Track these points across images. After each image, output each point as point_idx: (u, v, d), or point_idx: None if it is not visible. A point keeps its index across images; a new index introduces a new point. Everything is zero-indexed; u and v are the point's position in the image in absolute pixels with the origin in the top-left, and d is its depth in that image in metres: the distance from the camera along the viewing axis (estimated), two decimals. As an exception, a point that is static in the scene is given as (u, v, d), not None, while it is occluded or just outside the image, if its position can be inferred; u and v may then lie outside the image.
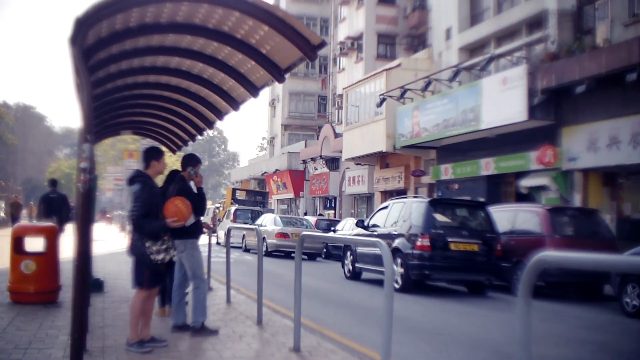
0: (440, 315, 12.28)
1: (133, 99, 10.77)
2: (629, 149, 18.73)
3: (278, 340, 8.18)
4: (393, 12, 40.49)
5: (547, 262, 3.28)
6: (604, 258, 3.07)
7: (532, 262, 3.28)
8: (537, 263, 3.27)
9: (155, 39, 7.96)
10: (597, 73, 18.91)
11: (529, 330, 3.42)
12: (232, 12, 6.99)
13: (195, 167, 8.43)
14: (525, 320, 3.40)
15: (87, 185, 5.98)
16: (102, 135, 13.07)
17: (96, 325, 8.46)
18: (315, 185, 45.62)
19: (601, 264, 3.17)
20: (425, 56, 32.68)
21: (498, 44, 27.16)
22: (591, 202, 20.62)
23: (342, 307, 12.76)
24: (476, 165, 25.93)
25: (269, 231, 25.98)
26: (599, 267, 3.13)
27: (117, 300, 10.72)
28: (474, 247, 15.22)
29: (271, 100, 60.63)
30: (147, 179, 7.23)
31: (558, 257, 3.45)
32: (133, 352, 7.02)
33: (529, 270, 3.31)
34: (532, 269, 3.30)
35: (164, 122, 12.32)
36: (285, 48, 7.40)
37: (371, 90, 33.30)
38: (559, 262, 3.33)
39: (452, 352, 8.70)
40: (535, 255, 3.29)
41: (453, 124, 25.46)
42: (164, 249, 7.13)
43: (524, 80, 21.35)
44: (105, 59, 7.66)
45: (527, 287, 3.37)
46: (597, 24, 21.34)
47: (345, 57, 43.62)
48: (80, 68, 5.89)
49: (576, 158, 20.85)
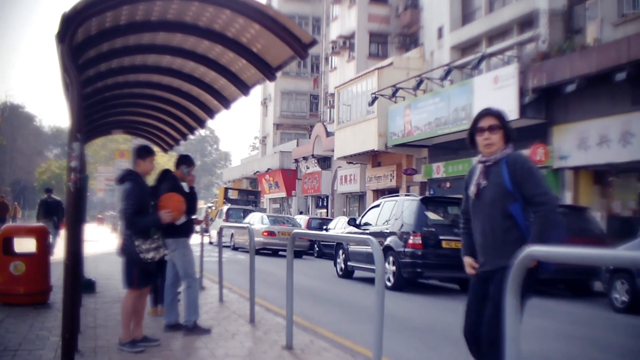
0: (433, 312, 12.30)
1: (124, 97, 10.74)
2: (619, 147, 18.80)
3: (270, 338, 8.19)
4: (385, 11, 40.52)
5: (535, 257, 3.30)
6: (590, 252, 3.09)
7: (521, 258, 3.30)
8: (525, 258, 3.29)
9: (145, 37, 7.95)
10: (588, 72, 18.99)
11: (518, 326, 3.44)
12: (223, 10, 6.99)
13: (189, 168, 8.45)
14: (514, 315, 3.42)
15: (77, 184, 5.96)
16: (93, 134, 13.04)
17: (88, 325, 8.45)
18: (307, 184, 45.62)
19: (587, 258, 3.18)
20: (417, 55, 32.71)
21: (489, 43, 27.23)
22: (582, 200, 20.69)
23: (334, 305, 12.77)
24: (468, 164, 25.92)
25: (256, 229, 26.12)
26: (586, 262, 3.15)
27: (109, 301, 10.69)
28: (465, 245, 15.23)
29: (263, 100, 60.61)
30: (137, 177, 7.22)
31: (545, 252, 3.47)
32: (125, 352, 7.01)
33: (517, 266, 3.32)
34: (521, 265, 3.32)
35: (155, 122, 12.30)
36: (276, 47, 7.40)
37: (363, 89, 33.32)
38: (547, 257, 3.34)
39: (444, 349, 8.72)
40: (524, 251, 3.31)
41: (445, 123, 25.51)
42: (154, 248, 7.11)
43: (515, 79, 21.42)
44: (96, 57, 7.64)
45: (515, 282, 3.39)
46: (587, 23, 21.43)
47: (337, 56, 43.62)
48: (69, 66, 5.87)
49: (567, 156, 20.92)
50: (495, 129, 4.95)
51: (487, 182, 4.93)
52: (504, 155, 4.94)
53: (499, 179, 4.86)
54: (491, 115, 5.01)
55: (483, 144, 4.98)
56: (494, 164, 4.94)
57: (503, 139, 5.01)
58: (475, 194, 5.00)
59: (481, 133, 4.98)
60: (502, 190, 4.83)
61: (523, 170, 4.81)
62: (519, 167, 4.83)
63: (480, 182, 4.97)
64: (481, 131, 4.98)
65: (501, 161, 4.91)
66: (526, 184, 4.77)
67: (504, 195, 4.82)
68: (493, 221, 4.88)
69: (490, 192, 4.90)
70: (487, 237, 4.93)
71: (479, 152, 5.07)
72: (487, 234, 4.92)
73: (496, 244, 4.86)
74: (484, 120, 5.00)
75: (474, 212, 5.09)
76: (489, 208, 4.90)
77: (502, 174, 4.84)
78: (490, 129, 4.95)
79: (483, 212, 4.96)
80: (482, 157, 5.03)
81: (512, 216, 4.82)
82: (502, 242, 4.82)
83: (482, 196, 4.96)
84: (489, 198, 4.91)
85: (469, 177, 5.20)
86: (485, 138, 4.96)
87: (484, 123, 4.99)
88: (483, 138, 4.97)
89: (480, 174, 5.00)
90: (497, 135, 4.96)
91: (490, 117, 4.99)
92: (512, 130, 5.06)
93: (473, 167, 5.20)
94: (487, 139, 4.95)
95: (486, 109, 5.08)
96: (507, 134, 5.03)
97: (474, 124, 5.05)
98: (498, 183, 4.86)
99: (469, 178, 5.19)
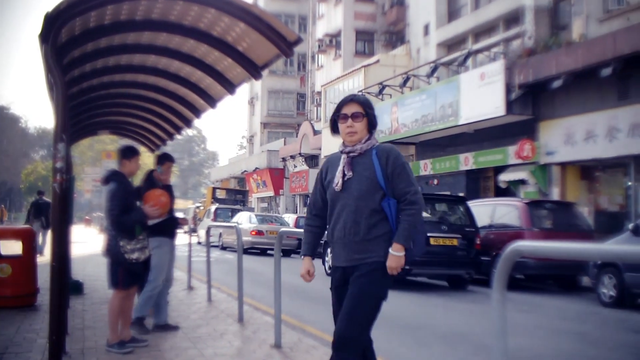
0: (422, 309, 12.32)
1: (110, 98, 10.69)
2: (605, 142, 18.90)
3: (259, 337, 8.18)
4: (371, 8, 40.54)
5: (521, 252, 3.30)
6: (577, 247, 3.09)
7: (507, 253, 3.30)
8: (511, 253, 3.29)
9: (130, 36, 7.92)
10: (573, 68, 19.10)
11: (504, 321, 3.43)
12: (208, 9, 6.96)
13: (163, 165, 8.42)
14: (500, 310, 3.41)
15: (63, 185, 5.93)
16: (79, 135, 12.98)
17: (76, 327, 8.40)
18: (295, 182, 45.60)
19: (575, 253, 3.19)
20: (404, 52, 32.77)
21: (476, 40, 27.32)
22: (569, 195, 20.78)
23: (322, 304, 12.73)
24: (455, 161, 26.03)
25: (245, 229, 26.06)
26: (573, 257, 3.16)
27: (97, 302, 10.66)
28: (453, 241, 15.28)
29: (250, 99, 60.59)
30: (122, 178, 7.19)
31: (531, 246, 3.48)
32: (113, 353, 6.98)
33: (503, 261, 3.32)
34: (507, 260, 3.32)
35: (142, 122, 12.26)
36: (261, 45, 7.38)
37: (350, 87, 33.33)
38: (533, 252, 3.34)
39: (434, 345, 8.73)
40: (510, 246, 3.31)
41: (432, 120, 25.55)
42: (139, 248, 7.07)
43: (502, 75, 21.49)
44: (80, 57, 7.60)
45: (502, 277, 3.39)
46: (573, 19, 21.50)
47: (323, 54, 43.61)
48: (53, 67, 5.84)
49: (554, 152, 21.00)
50: (358, 116, 4.66)
51: (353, 174, 4.62)
52: (371, 146, 4.69)
53: (368, 172, 4.58)
54: (355, 102, 4.71)
55: (345, 131, 4.68)
56: (360, 154, 4.66)
57: (367, 127, 4.74)
58: (340, 186, 4.64)
59: (344, 120, 4.69)
60: (373, 183, 4.56)
61: (396, 165, 4.58)
62: (392, 161, 4.59)
63: (345, 173, 4.63)
64: (344, 118, 4.69)
65: (369, 152, 4.65)
66: (399, 179, 4.56)
67: (375, 189, 4.56)
68: (359, 215, 4.56)
69: (357, 184, 4.57)
70: (349, 232, 4.58)
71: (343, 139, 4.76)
72: (351, 229, 4.57)
73: (359, 239, 4.56)
74: (347, 107, 4.71)
75: (335, 205, 4.70)
76: (355, 201, 4.57)
77: (373, 167, 4.58)
78: (353, 117, 4.66)
79: (348, 206, 4.60)
80: (346, 147, 4.71)
81: (382, 211, 4.57)
82: (367, 237, 4.56)
83: (348, 189, 4.61)
84: (356, 191, 4.58)
85: (326, 168, 4.86)
86: (348, 126, 4.66)
87: (348, 110, 4.69)
88: (346, 126, 4.67)
89: (346, 165, 4.65)
90: (361, 123, 4.68)
91: (355, 104, 4.70)
92: (375, 118, 4.79)
93: (332, 157, 4.85)
94: (350, 126, 4.65)
95: (351, 96, 4.81)
96: (370, 123, 4.76)
97: (337, 111, 4.77)
98: (367, 176, 4.57)
99: (326, 169, 4.86)
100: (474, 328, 10.16)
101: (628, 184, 19.14)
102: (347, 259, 4.64)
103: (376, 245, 4.54)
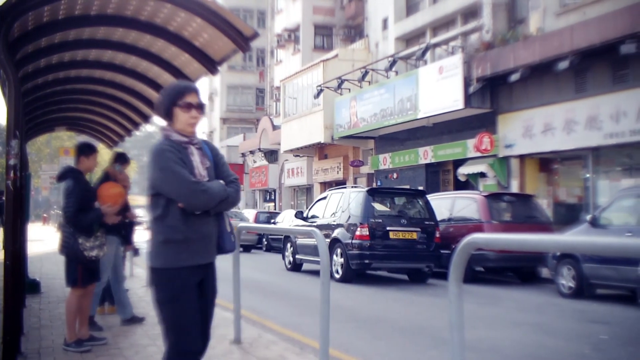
0: (381, 303, 12.37)
1: (66, 94, 10.57)
2: (563, 135, 19.12)
3: (218, 332, 8.12)
4: (330, 3, 40.53)
5: (477, 244, 3.32)
6: (536, 239, 3.12)
7: (462, 245, 3.32)
8: (467, 246, 3.31)
9: (86, 32, 7.82)
10: (531, 61, 19.27)
11: (461, 313, 3.45)
12: (164, 4, 6.90)
13: (122, 166, 8.36)
14: (457, 302, 3.44)
15: (17, 183, 5.86)
16: (35, 132, 12.82)
17: (32, 326, 8.30)
18: (254, 178, 45.49)
19: (528, 244, 3.22)
20: (362, 47, 32.81)
21: (434, 34, 27.44)
22: (528, 187, 20.97)
23: (283, 299, 12.76)
24: (414, 154, 26.15)
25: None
26: (532, 248, 3.19)
27: (54, 301, 10.53)
28: (413, 235, 15.36)
29: (209, 94, 60.25)
30: (78, 175, 7.10)
31: (486, 239, 3.51)
32: (71, 352, 6.91)
33: (459, 253, 3.34)
34: (463, 252, 3.34)
35: (99, 118, 12.14)
36: (218, 40, 7.34)
37: (308, 81, 33.30)
38: (488, 244, 3.37)
39: (392, 339, 8.77)
40: (465, 238, 3.33)
41: (390, 114, 25.64)
42: (98, 245, 7.01)
43: (460, 69, 21.62)
44: (34, 52, 7.50)
45: (458, 269, 3.41)
46: (530, 13, 21.68)
47: (282, 49, 43.52)
48: (5, 62, 5.75)
49: (512, 145, 21.19)
50: (203, 108, 4.46)
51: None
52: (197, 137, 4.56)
53: (209, 162, 4.46)
54: (197, 93, 4.47)
55: (189, 122, 4.38)
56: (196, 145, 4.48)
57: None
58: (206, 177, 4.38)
59: (188, 109, 4.36)
60: (213, 173, 4.44)
61: (219, 154, 4.59)
62: (215, 150, 4.59)
63: (205, 163, 4.43)
64: (189, 107, 4.37)
65: (201, 143, 4.52)
66: (223, 167, 4.50)
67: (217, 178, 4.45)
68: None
69: (209, 175, 4.41)
70: (212, 225, 4.46)
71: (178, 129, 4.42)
72: (212, 222, 4.44)
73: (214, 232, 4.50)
74: (193, 96, 4.41)
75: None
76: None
77: (209, 157, 4.48)
78: (199, 107, 4.41)
79: None
80: (187, 137, 4.40)
81: None
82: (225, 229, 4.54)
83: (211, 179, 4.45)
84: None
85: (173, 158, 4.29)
86: (194, 116, 4.38)
87: (194, 99, 4.40)
88: (191, 116, 4.37)
89: (202, 156, 4.44)
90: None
91: (197, 95, 4.45)
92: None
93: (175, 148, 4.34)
94: (196, 117, 4.39)
95: (193, 85, 4.55)
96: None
97: (178, 97, 4.38)
98: (209, 166, 4.44)
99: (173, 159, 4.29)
100: (433, 321, 10.23)
101: (586, 176, 19.37)
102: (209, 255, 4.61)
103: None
